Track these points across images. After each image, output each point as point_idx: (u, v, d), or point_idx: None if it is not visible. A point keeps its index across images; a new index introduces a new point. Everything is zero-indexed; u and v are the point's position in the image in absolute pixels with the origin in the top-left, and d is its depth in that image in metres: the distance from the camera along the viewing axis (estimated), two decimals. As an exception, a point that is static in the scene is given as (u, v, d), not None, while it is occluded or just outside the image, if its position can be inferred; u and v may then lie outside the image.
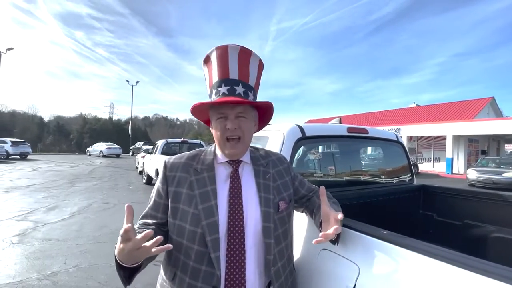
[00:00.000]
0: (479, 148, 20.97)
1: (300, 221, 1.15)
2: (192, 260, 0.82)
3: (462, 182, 12.35)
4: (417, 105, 28.43)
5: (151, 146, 12.59)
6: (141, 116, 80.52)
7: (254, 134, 1.79)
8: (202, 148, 1.01)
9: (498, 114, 23.53)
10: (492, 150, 22.17)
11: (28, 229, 4.27)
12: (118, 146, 25.56)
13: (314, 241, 0.78)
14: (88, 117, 56.78)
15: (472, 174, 12.67)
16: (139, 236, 0.65)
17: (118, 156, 24.96)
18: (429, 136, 20.74)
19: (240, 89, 0.86)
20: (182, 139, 9.37)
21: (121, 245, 0.66)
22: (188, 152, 0.98)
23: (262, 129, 1.06)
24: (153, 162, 8.00)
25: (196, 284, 0.81)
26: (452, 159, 18.28)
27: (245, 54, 0.89)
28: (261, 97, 0.98)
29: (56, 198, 6.64)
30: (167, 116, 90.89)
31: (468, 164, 18.23)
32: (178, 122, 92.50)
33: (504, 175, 11.80)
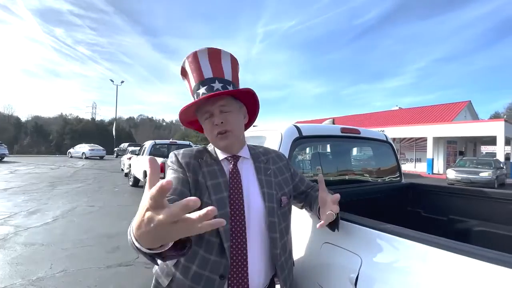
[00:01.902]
0: (457, 149, 21.96)
1: (301, 217, 1.19)
2: (203, 249, 0.82)
3: (442, 182, 12.89)
4: (399, 107, 29.43)
5: (137, 148, 12.33)
6: (126, 116, 78.67)
7: (252, 134, 1.81)
8: (207, 146, 1.01)
9: (475, 117, 24.77)
10: (469, 151, 23.28)
11: (9, 234, 4.07)
12: (101, 148, 24.79)
13: (317, 225, 0.83)
14: (69, 117, 54.93)
15: (451, 174, 13.29)
16: (176, 204, 0.42)
17: (101, 158, 24.20)
18: (411, 138, 21.50)
19: (217, 85, 0.87)
20: (171, 140, 9.21)
21: (147, 215, 0.44)
22: (195, 149, 0.98)
23: (259, 128, 1.07)
24: (140, 163, 7.83)
25: (203, 273, 0.81)
26: (432, 159, 19.03)
27: (214, 53, 0.91)
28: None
29: (37, 202, 6.36)
30: (152, 117, 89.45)
31: (447, 165, 19.04)
32: (164, 123, 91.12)
33: (481, 174, 12.45)
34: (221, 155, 0.93)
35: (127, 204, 6.49)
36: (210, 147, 0.98)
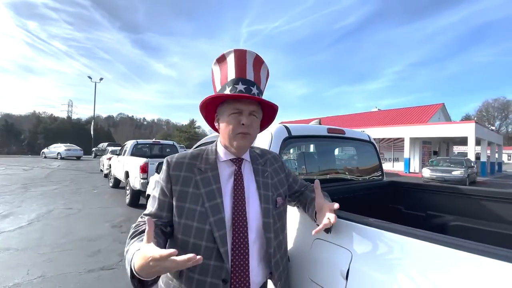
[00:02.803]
0: (432, 149, 23.11)
1: (293, 214, 1.22)
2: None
3: (418, 180, 13.51)
4: (378, 109, 30.53)
5: (117, 147, 11.95)
6: (104, 115, 75.76)
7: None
8: (203, 147, 1.01)
9: (448, 119, 26.18)
10: (442, 151, 24.56)
11: (-21, 239, 3.83)
12: (78, 148, 23.74)
13: (313, 232, 0.86)
14: (43, 115, 52.12)
15: (427, 173, 14.00)
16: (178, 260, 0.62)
17: (78, 158, 23.18)
18: (390, 138, 22.34)
19: (255, 90, 0.90)
20: (154, 140, 8.93)
21: (152, 263, 0.63)
22: (190, 152, 0.98)
23: None
24: (122, 164, 7.57)
25: (206, 279, 0.83)
26: (409, 159, 19.89)
27: (258, 61, 0.95)
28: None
29: (9, 205, 6.00)
30: (133, 116, 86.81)
31: (423, 164, 19.98)
32: (145, 122, 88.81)
33: (453, 173, 13.21)
34: (224, 157, 0.94)
35: (108, 206, 6.27)
36: (212, 147, 0.98)
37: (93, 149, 27.57)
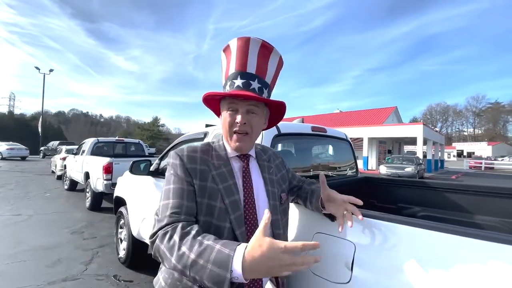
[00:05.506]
0: (387, 148, 25.17)
1: (291, 209, 1.24)
2: None
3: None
4: (340, 111, 32.37)
5: (73, 147, 10.94)
6: (54, 111, 68.82)
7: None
8: (210, 142, 0.97)
9: (400, 120, 28.73)
10: (395, 150, 26.88)
11: None
12: (24, 147, 21.20)
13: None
14: (-23, 110, 45.50)
15: (383, 169, 15.23)
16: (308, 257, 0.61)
17: (24, 158, 20.73)
18: (350, 138, 23.78)
19: (255, 84, 0.85)
20: (117, 138, 8.26)
21: (285, 259, 0.59)
22: (199, 147, 0.92)
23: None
24: (80, 164, 6.94)
25: None
26: (367, 157, 21.41)
27: (266, 49, 0.88)
28: (195, 95, 0.99)
29: None
30: (88, 112, 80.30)
31: (379, 162, 21.66)
32: (102, 119, 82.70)
33: (406, 169, 14.56)
34: (232, 152, 0.92)
35: (65, 211, 5.71)
36: (218, 143, 0.95)
37: (41, 148, 24.88)
